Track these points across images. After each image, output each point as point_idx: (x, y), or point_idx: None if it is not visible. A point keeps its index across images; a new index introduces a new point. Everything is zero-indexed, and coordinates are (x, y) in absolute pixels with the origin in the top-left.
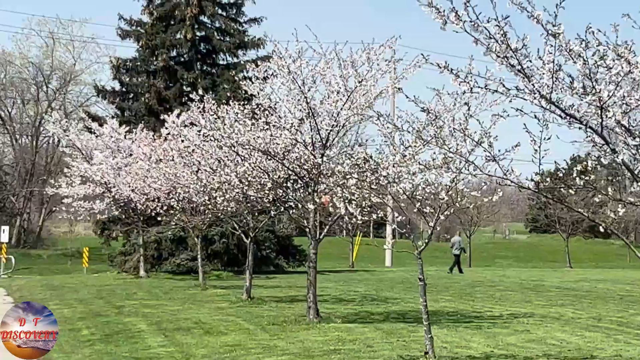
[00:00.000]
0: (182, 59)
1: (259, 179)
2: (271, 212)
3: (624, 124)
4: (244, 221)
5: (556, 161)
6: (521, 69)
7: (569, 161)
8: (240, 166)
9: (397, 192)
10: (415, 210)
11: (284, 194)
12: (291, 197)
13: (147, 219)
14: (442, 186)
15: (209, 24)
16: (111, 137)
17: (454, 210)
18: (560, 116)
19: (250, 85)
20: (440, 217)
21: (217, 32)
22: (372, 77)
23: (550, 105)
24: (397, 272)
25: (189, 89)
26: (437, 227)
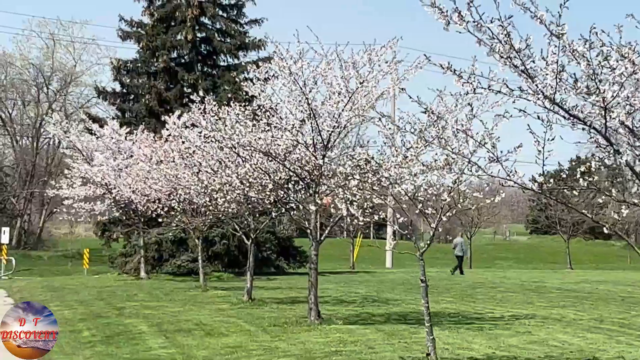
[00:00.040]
0: (183, 60)
1: (260, 180)
2: (272, 214)
3: (628, 124)
4: (245, 222)
5: (559, 162)
6: (525, 70)
7: (570, 162)
8: (241, 167)
9: (398, 194)
10: (417, 211)
11: (285, 195)
12: (292, 198)
13: (148, 220)
14: (444, 187)
15: (210, 25)
16: (112, 138)
17: (455, 211)
18: (564, 117)
19: (251, 86)
20: (442, 219)
21: (218, 34)
22: (374, 78)
23: (553, 106)
24: (397, 273)
25: (190, 90)
26: (439, 229)
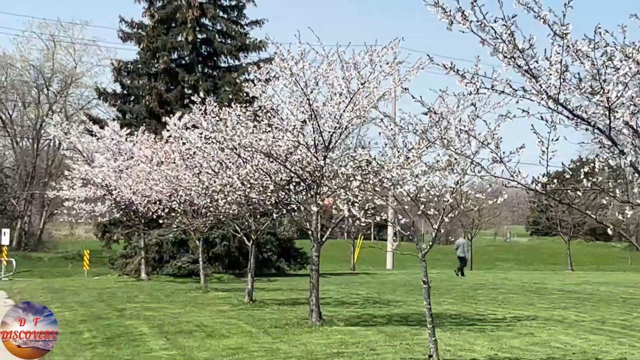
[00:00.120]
0: (184, 62)
1: (261, 181)
2: (273, 215)
3: (632, 125)
4: (246, 224)
5: (563, 163)
6: (528, 69)
7: (571, 163)
8: (242, 168)
9: (400, 194)
10: (419, 212)
11: (286, 197)
12: (293, 199)
13: (149, 221)
14: (446, 188)
15: (210, 27)
16: (112, 139)
17: (457, 212)
18: (567, 117)
19: (252, 87)
20: (444, 220)
21: (219, 35)
22: (375, 79)
23: (557, 106)
24: (398, 274)
25: (190, 91)
26: (441, 230)
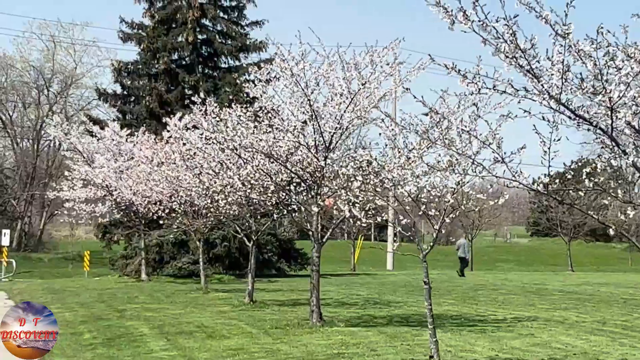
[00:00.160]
0: (184, 62)
1: (261, 182)
2: (274, 215)
3: (635, 125)
4: (246, 224)
5: (565, 163)
6: (530, 69)
7: (573, 164)
8: (242, 169)
9: (401, 195)
10: (420, 213)
11: (287, 197)
12: (294, 200)
13: (149, 222)
14: (447, 189)
15: (211, 27)
16: (112, 140)
17: (458, 213)
18: (569, 117)
19: (252, 87)
20: (445, 220)
21: (219, 35)
22: (376, 79)
23: (559, 106)
24: (398, 275)
25: (191, 92)
26: (442, 230)
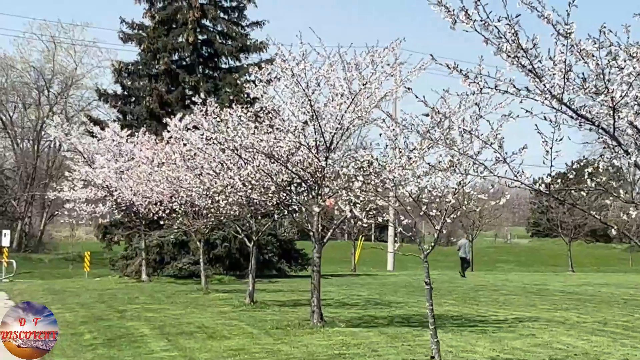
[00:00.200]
0: (184, 63)
1: (262, 182)
2: (274, 216)
3: (637, 125)
4: (247, 225)
5: (567, 163)
6: (532, 69)
7: (575, 163)
8: (243, 169)
9: (402, 195)
10: (421, 213)
11: (288, 198)
12: (295, 200)
13: (149, 222)
14: (448, 189)
15: (211, 28)
16: (113, 140)
17: (460, 213)
18: (571, 117)
19: (253, 88)
20: (446, 220)
21: (219, 36)
22: (377, 79)
23: (561, 106)
24: (399, 276)
25: (191, 92)
26: (443, 231)
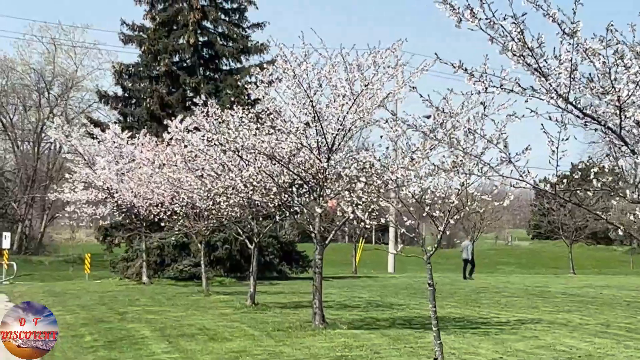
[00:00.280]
0: (185, 64)
1: (264, 184)
2: (276, 217)
3: None
4: (248, 226)
5: (573, 163)
6: (538, 68)
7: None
8: (245, 171)
9: (405, 196)
10: (424, 214)
11: (289, 199)
12: (296, 201)
13: (150, 224)
14: (451, 190)
15: (212, 29)
16: (114, 142)
17: (463, 214)
18: (577, 117)
19: (254, 89)
20: (449, 221)
21: (220, 37)
22: (379, 80)
23: (567, 105)
24: (400, 278)
25: (192, 94)
26: (446, 232)
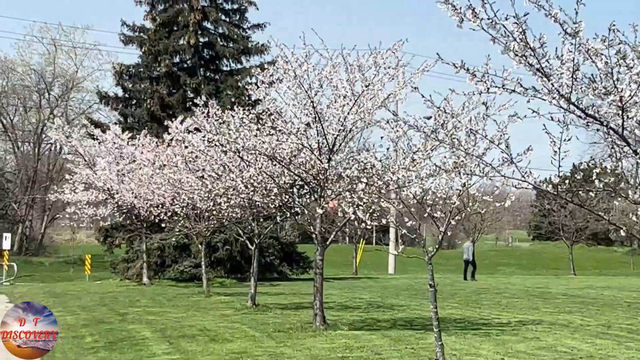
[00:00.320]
0: (185, 65)
1: (264, 184)
2: (277, 218)
3: None
4: (249, 227)
5: (574, 164)
6: (540, 68)
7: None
8: (245, 171)
9: (406, 197)
10: (425, 215)
11: (290, 200)
12: (297, 202)
13: (151, 225)
14: (453, 190)
15: (212, 30)
16: (114, 143)
17: (464, 215)
18: (579, 117)
19: (255, 89)
20: (450, 222)
21: (221, 38)
22: (379, 81)
23: (569, 105)
24: (400, 279)
25: (192, 95)
26: (447, 233)
